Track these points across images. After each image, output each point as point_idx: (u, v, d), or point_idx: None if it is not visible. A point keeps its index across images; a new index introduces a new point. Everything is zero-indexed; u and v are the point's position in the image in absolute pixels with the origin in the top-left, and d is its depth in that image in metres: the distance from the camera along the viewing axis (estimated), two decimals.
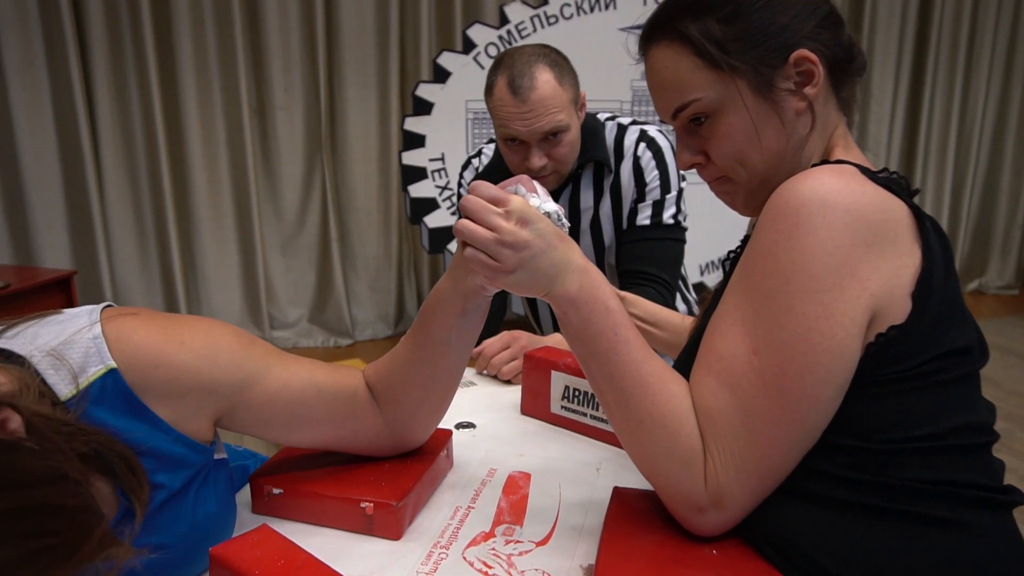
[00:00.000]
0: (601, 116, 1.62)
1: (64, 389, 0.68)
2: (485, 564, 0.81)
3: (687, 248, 1.61)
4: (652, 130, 1.56)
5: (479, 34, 3.44)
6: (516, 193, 0.80)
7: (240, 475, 1.01)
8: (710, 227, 3.17)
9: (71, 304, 2.90)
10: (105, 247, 3.55)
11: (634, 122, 1.58)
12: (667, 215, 1.53)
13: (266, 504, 0.92)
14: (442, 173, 3.54)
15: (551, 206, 0.82)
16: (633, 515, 0.81)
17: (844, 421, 0.72)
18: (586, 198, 1.58)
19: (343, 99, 3.82)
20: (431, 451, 0.97)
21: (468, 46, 3.45)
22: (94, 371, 0.70)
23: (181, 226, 3.71)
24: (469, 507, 0.93)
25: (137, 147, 3.57)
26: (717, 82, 0.80)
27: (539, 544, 0.85)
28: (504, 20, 3.47)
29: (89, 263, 3.55)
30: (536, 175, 1.48)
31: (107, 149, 3.49)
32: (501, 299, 1.73)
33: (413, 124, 3.49)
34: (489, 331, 1.51)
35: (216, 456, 0.83)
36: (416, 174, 3.51)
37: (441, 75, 3.45)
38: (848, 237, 0.69)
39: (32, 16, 3.24)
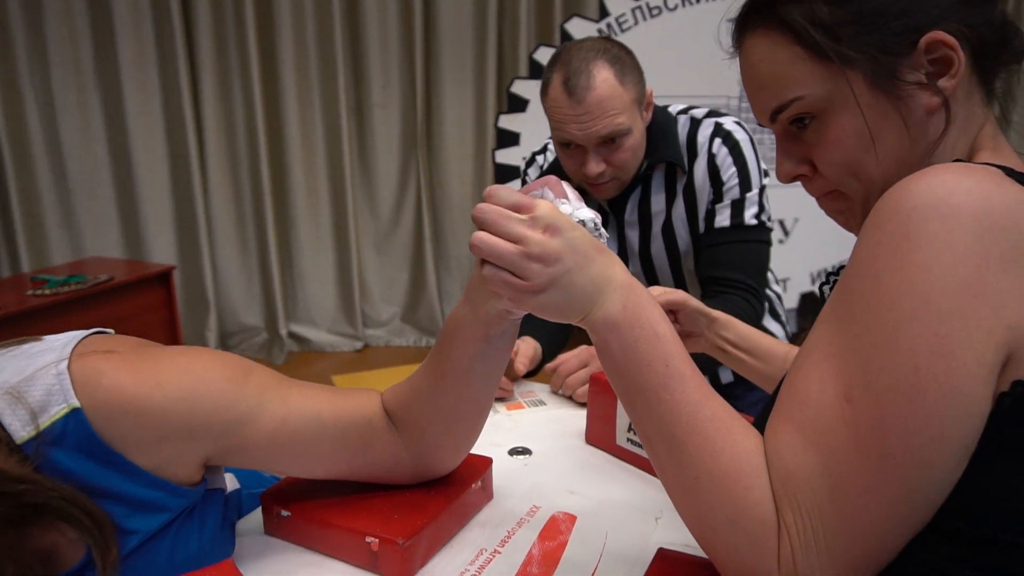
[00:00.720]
0: (673, 109, 1.45)
1: (21, 431, 0.61)
2: None
3: (792, 255, 1.42)
4: (729, 122, 1.39)
5: (578, 28, 3.30)
6: (542, 198, 0.67)
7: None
8: (824, 226, 2.89)
9: (170, 297, 2.98)
10: (208, 243, 3.65)
11: (710, 113, 1.42)
12: (748, 215, 1.36)
13: (275, 526, 0.82)
14: None
15: (586, 213, 0.68)
16: None
17: (957, 498, 0.54)
18: (657, 201, 1.43)
19: (439, 96, 3.78)
20: (462, 481, 0.85)
21: (566, 41, 3.32)
22: (56, 411, 0.62)
23: (279, 223, 3.77)
24: (496, 551, 0.80)
25: (239, 146, 3.65)
26: (824, 76, 0.65)
27: None
28: (604, 12, 3.31)
29: (193, 259, 3.66)
30: (594, 182, 1.34)
31: (211, 148, 3.59)
32: None
33: (507, 122, 3.40)
34: (562, 343, 1.37)
35: (212, 487, 0.74)
36: (510, 173, 3.41)
37: (537, 71, 3.34)
38: (977, 250, 0.52)
39: (145, 18, 3.37)
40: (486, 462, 0.89)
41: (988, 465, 0.54)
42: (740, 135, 1.37)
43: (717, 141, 1.36)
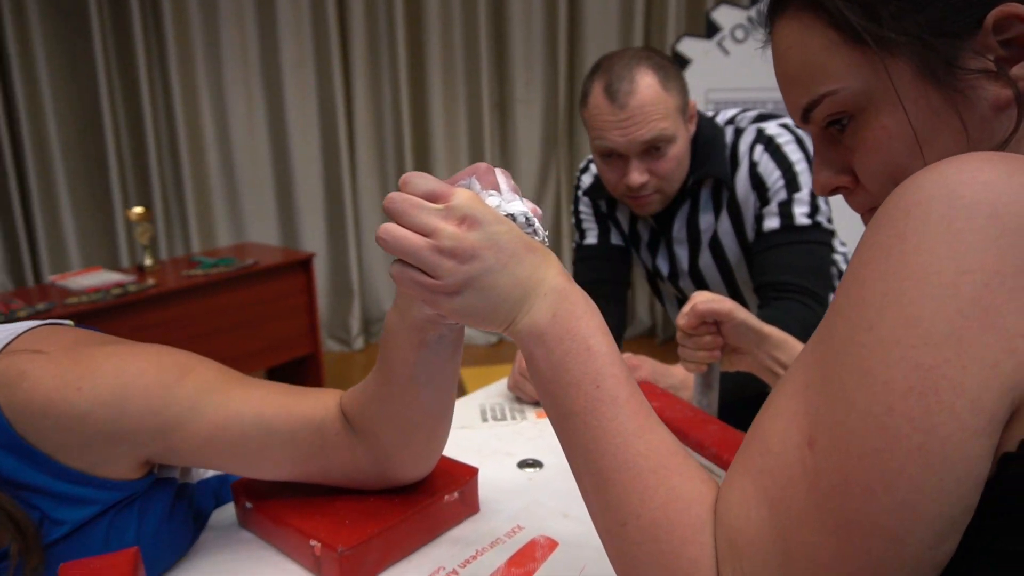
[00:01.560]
0: (721, 118, 1.34)
1: None
2: None
3: None
4: (772, 126, 1.28)
5: (726, 16, 3.10)
6: (468, 188, 0.58)
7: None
8: None
9: (310, 283, 3.14)
10: (355, 234, 3.81)
11: (757, 118, 1.30)
12: (799, 214, 1.22)
13: (243, 517, 0.81)
14: None
15: (517, 207, 0.58)
16: None
17: None
18: (706, 218, 1.33)
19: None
20: (433, 492, 0.78)
21: (712, 30, 3.12)
22: None
23: None
24: (453, 571, 0.73)
25: (386, 142, 3.78)
26: (862, 66, 0.53)
27: None
28: None
29: (340, 248, 3.84)
30: (637, 195, 1.25)
31: (361, 144, 3.75)
32: (621, 309, 1.47)
33: None
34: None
35: (163, 476, 0.73)
36: None
37: (680, 63, 3.17)
38: (988, 259, 0.39)
39: (305, 23, 3.57)
40: (470, 472, 0.82)
41: (982, 552, 0.40)
42: (784, 137, 1.26)
43: (758, 148, 1.26)
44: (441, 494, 0.78)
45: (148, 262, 2.81)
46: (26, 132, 3.25)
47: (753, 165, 1.26)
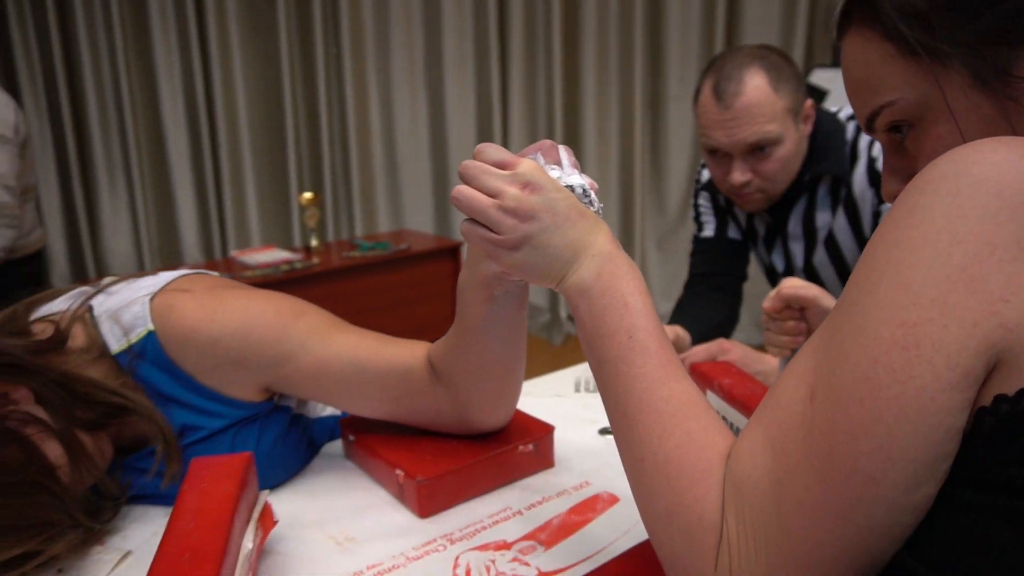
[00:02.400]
0: (844, 113, 1.30)
1: (114, 344, 0.79)
2: (467, 571, 0.69)
3: None
4: None
5: None
6: (534, 160, 0.65)
7: None
8: None
9: (457, 270, 3.31)
10: None
11: None
12: None
13: (347, 449, 0.92)
14: None
15: (576, 179, 0.65)
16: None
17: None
18: (822, 215, 1.31)
19: None
20: (508, 441, 0.86)
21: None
22: (137, 333, 0.79)
23: None
24: (518, 511, 0.80)
25: (539, 137, 3.89)
26: (918, 76, 0.56)
27: (541, 574, 0.69)
28: None
29: None
30: (739, 192, 1.26)
31: (514, 138, 3.88)
32: (734, 301, 1.46)
33: None
34: (707, 336, 1.29)
35: (281, 404, 0.87)
36: None
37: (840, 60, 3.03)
38: (984, 232, 0.42)
39: (467, 23, 3.76)
40: (546, 429, 0.89)
41: (951, 495, 0.42)
42: None
43: (877, 144, 1.22)
44: (516, 444, 0.86)
45: (314, 243, 3.10)
46: (222, 125, 3.67)
47: (872, 161, 1.24)
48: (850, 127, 1.29)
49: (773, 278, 1.50)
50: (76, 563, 0.72)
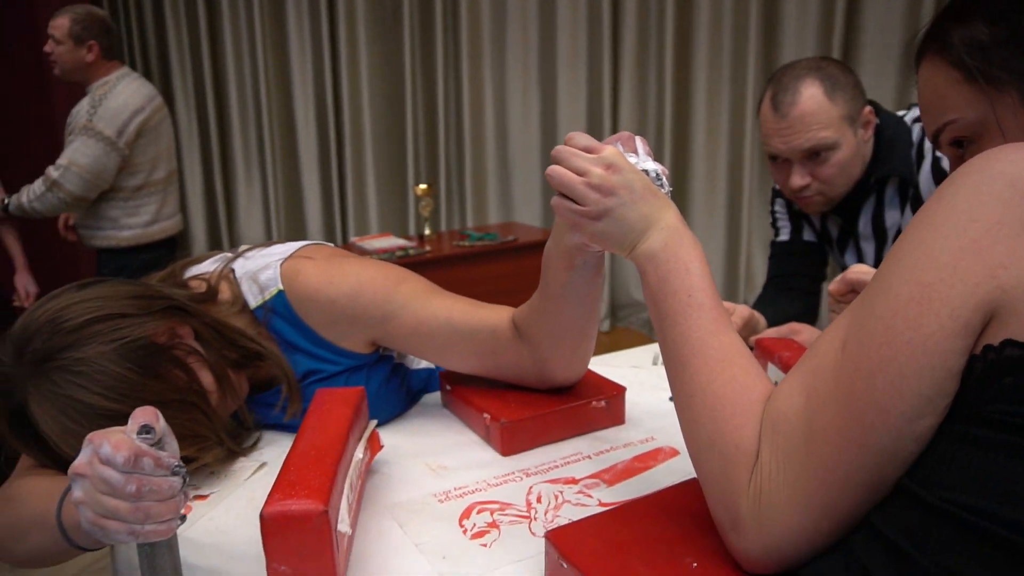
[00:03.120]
0: (910, 116, 1.34)
1: (252, 300, 0.96)
2: (538, 498, 0.81)
3: None
4: None
5: None
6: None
7: None
8: None
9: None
10: None
11: None
12: None
13: (445, 399, 1.06)
14: None
15: (651, 165, 0.76)
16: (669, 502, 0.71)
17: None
18: (891, 214, 1.37)
19: None
20: (583, 396, 0.97)
21: None
22: (270, 291, 0.96)
23: None
24: (588, 456, 0.91)
25: (648, 135, 3.95)
26: (977, 99, 0.66)
27: (601, 504, 0.80)
28: None
29: None
30: (799, 196, 1.33)
31: None
32: (810, 301, 1.51)
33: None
34: (781, 320, 1.34)
35: (385, 354, 1.03)
36: None
37: None
38: (994, 212, 0.51)
39: (581, 22, 3.87)
40: (618, 389, 1.00)
41: (948, 428, 0.51)
42: None
43: None
44: (590, 400, 0.97)
45: (427, 232, 3.29)
46: (347, 122, 3.95)
47: (936, 162, 1.28)
48: (915, 129, 1.33)
49: None
50: (224, 469, 0.89)
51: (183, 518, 0.61)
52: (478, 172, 4.13)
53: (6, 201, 2.39)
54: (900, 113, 1.38)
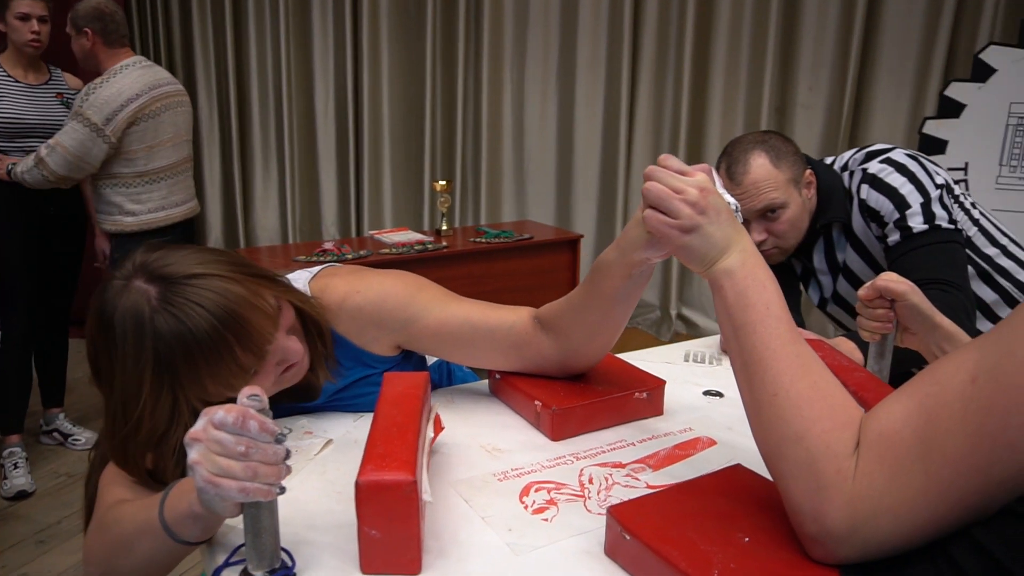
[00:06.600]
0: (838, 164, 1.56)
1: None
2: (590, 479, 0.87)
3: None
4: (873, 165, 1.48)
5: None
6: None
7: None
8: None
9: (574, 262, 3.49)
10: (622, 223, 4.11)
11: (866, 156, 1.51)
12: (916, 224, 1.40)
13: (494, 385, 1.13)
14: (961, 187, 3.08)
15: (728, 197, 0.84)
16: (721, 483, 0.77)
17: None
18: (840, 252, 1.58)
19: (870, 99, 3.61)
20: (627, 388, 1.04)
21: None
22: None
23: None
24: (632, 443, 0.98)
25: (663, 141, 4.02)
26: None
27: (649, 487, 0.86)
28: None
29: (607, 234, 4.17)
30: (758, 249, 1.45)
31: (638, 142, 4.03)
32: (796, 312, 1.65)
33: (934, 128, 3.12)
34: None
35: (410, 354, 1.10)
36: None
37: (982, 72, 2.99)
38: None
39: (601, 25, 3.93)
40: (658, 383, 1.06)
41: None
42: (885, 170, 1.47)
43: (864, 187, 1.46)
44: (633, 391, 1.03)
45: (444, 227, 3.35)
46: (367, 116, 4.01)
47: (862, 202, 1.47)
48: (844, 177, 1.53)
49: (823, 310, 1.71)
50: (293, 444, 0.96)
51: (282, 489, 0.67)
52: (494, 171, 4.19)
53: (10, 167, 2.47)
54: (828, 160, 1.58)
